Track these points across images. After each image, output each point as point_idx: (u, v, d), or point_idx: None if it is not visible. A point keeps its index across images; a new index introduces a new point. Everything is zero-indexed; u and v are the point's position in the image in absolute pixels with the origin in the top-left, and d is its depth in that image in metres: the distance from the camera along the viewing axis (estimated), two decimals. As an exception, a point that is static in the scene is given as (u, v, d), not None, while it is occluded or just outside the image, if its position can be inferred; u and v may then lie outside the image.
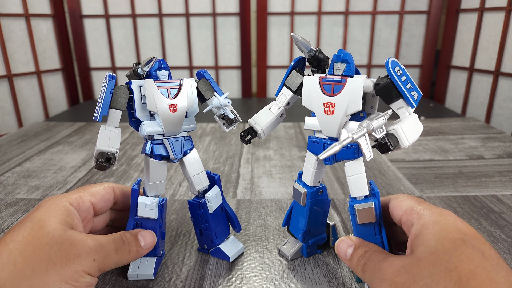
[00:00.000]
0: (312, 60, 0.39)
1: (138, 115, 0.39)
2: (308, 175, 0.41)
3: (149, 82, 0.37)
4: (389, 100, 0.36)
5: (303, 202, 0.42)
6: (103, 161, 0.36)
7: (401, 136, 0.34)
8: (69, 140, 0.92)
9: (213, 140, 0.91)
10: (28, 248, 0.29)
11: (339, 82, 0.36)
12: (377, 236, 0.38)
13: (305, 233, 0.43)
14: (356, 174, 0.38)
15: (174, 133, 0.40)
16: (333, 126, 0.37)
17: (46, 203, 0.35)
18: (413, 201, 0.36)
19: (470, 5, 1.20)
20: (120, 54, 1.44)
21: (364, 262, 0.34)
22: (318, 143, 0.39)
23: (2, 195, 0.62)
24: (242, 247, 0.45)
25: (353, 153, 0.37)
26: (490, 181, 0.66)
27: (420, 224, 0.32)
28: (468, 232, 0.30)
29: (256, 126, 0.41)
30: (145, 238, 0.39)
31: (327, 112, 0.37)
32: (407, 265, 0.29)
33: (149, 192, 0.41)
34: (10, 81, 1.15)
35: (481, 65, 1.17)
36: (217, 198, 0.43)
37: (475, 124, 1.03)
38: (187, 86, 0.39)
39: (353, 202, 0.38)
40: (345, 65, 0.36)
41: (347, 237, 0.38)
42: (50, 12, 1.29)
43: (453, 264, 0.27)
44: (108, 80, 0.37)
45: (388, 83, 0.35)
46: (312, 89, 0.38)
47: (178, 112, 0.38)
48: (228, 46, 1.42)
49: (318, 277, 0.41)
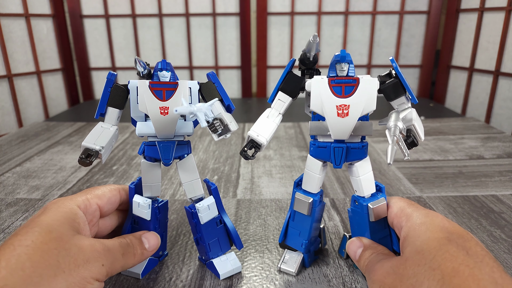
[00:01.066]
0: (311, 61, 0.37)
1: (133, 115, 0.38)
2: (314, 182, 0.40)
3: (142, 83, 0.36)
4: (394, 97, 0.36)
5: (309, 212, 0.40)
6: (83, 157, 0.36)
7: (418, 131, 0.35)
8: (69, 140, 0.92)
9: (213, 140, 0.91)
10: (37, 254, 0.29)
11: (350, 82, 0.35)
12: (386, 229, 0.39)
13: (308, 243, 0.42)
14: (366, 173, 0.38)
15: (167, 136, 0.38)
16: (346, 128, 0.36)
17: (53, 206, 0.34)
18: (403, 203, 0.37)
19: (470, 5, 1.20)
20: (120, 54, 1.44)
21: (366, 263, 0.36)
22: (326, 147, 0.38)
23: (2, 195, 0.62)
24: (238, 267, 0.42)
25: (364, 152, 0.37)
26: (490, 181, 0.66)
27: (408, 226, 0.33)
28: (453, 231, 0.31)
29: (260, 138, 0.38)
30: (149, 240, 0.39)
31: (340, 114, 0.35)
32: (395, 266, 0.30)
33: (144, 193, 0.41)
34: (10, 81, 1.15)
35: (481, 65, 1.17)
36: (209, 209, 0.41)
37: (475, 124, 1.03)
38: (183, 89, 0.37)
39: (365, 201, 0.38)
40: (348, 66, 0.36)
41: (358, 239, 0.39)
42: (50, 12, 1.29)
43: (437, 263, 0.28)
44: (107, 79, 0.37)
45: (397, 81, 0.36)
46: (323, 91, 0.36)
47: (170, 115, 0.36)
48: (228, 46, 1.42)
49: (318, 277, 0.41)
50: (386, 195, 0.39)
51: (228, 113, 0.39)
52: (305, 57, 0.37)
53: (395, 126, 0.32)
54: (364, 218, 0.39)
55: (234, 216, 0.55)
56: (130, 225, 0.41)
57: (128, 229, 0.41)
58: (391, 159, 0.30)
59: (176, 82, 0.37)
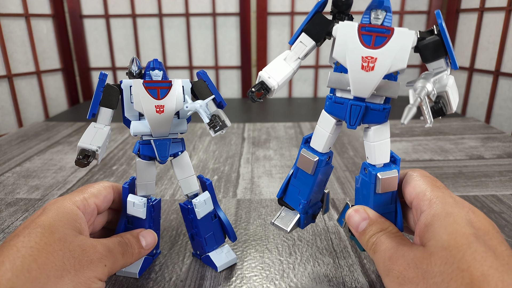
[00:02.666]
0: (344, 3, 0.33)
1: (127, 115, 0.38)
2: (322, 140, 0.36)
3: (136, 82, 0.37)
4: (431, 58, 0.32)
5: (313, 171, 0.37)
6: (81, 158, 0.36)
7: (450, 100, 0.31)
8: (69, 140, 0.92)
9: (213, 140, 0.91)
10: (42, 255, 0.29)
11: (383, 33, 0.31)
12: (392, 204, 0.36)
13: (307, 203, 0.39)
14: (382, 140, 0.34)
15: (162, 134, 0.39)
16: (369, 85, 0.31)
17: (53, 206, 0.34)
18: (427, 184, 0.34)
19: (470, 5, 1.20)
20: (120, 54, 1.44)
21: (376, 241, 0.33)
22: (343, 104, 0.34)
23: (2, 195, 0.62)
24: (234, 258, 0.43)
25: (384, 116, 0.34)
26: (490, 181, 0.66)
27: (431, 214, 0.30)
28: (480, 226, 0.29)
29: (271, 80, 0.35)
30: (146, 239, 0.39)
31: (365, 68, 0.31)
32: (418, 259, 0.28)
33: (139, 192, 0.41)
34: (10, 81, 1.15)
35: (481, 65, 1.17)
36: (206, 204, 0.42)
37: (475, 124, 1.03)
38: (177, 87, 0.38)
39: (375, 170, 0.34)
40: (385, 14, 0.31)
41: (362, 208, 0.36)
42: (50, 12, 1.29)
43: (466, 264, 0.26)
44: (99, 79, 0.37)
45: (438, 39, 0.31)
46: (350, 38, 0.31)
47: (165, 114, 0.37)
48: (228, 46, 1.42)
49: (318, 276, 0.41)
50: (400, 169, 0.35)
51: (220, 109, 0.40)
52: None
53: (422, 87, 0.28)
54: (370, 188, 0.35)
55: (234, 216, 0.55)
56: (124, 225, 0.41)
57: (122, 229, 0.41)
58: (405, 119, 0.26)
59: (170, 81, 0.37)
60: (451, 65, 0.32)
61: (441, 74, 0.31)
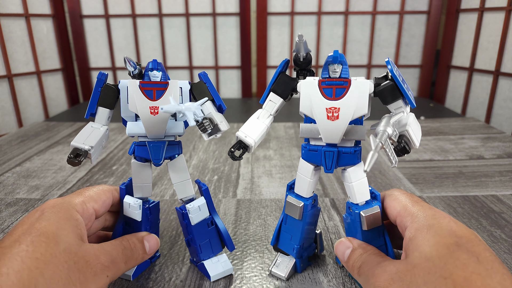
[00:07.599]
0: (302, 62, 0.36)
1: (123, 115, 0.38)
2: (305, 186, 0.39)
3: (132, 83, 0.36)
4: (390, 100, 0.35)
5: (300, 216, 0.39)
6: (72, 157, 0.35)
7: (412, 138, 0.33)
8: (69, 140, 0.92)
9: (213, 140, 0.91)
10: (49, 268, 0.28)
11: (342, 84, 0.34)
12: (380, 238, 0.38)
13: (300, 248, 0.41)
14: (359, 180, 0.37)
15: (157, 136, 0.38)
16: (336, 132, 0.35)
17: (52, 210, 0.33)
18: (407, 199, 0.35)
19: (470, 5, 1.20)
20: (120, 54, 1.44)
21: (359, 264, 0.34)
22: (317, 151, 0.37)
23: (2, 195, 0.62)
24: (230, 269, 0.42)
25: (356, 157, 0.36)
26: (490, 181, 0.66)
27: (414, 228, 0.32)
28: (462, 234, 0.29)
29: (248, 139, 0.37)
30: (150, 243, 0.38)
31: (330, 117, 0.34)
32: (401, 272, 0.29)
33: (135, 193, 0.41)
34: (10, 81, 1.15)
35: (481, 65, 1.17)
36: (200, 211, 0.40)
37: (475, 124, 1.03)
38: (173, 89, 0.37)
39: (358, 209, 0.37)
40: (341, 67, 0.34)
41: (346, 239, 0.37)
42: (50, 12, 1.29)
43: (448, 272, 0.26)
44: (97, 78, 0.37)
45: (392, 83, 0.34)
46: (312, 93, 0.35)
47: (160, 115, 0.36)
48: (228, 46, 1.42)
49: (318, 277, 0.41)
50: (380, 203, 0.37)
51: (220, 113, 0.39)
52: (296, 58, 0.36)
53: (383, 132, 0.30)
54: (357, 226, 0.37)
55: (234, 216, 0.55)
56: (122, 226, 0.41)
57: (120, 230, 0.41)
58: (368, 166, 0.28)
59: (167, 82, 0.37)
60: (409, 104, 0.35)
61: (401, 114, 0.34)
